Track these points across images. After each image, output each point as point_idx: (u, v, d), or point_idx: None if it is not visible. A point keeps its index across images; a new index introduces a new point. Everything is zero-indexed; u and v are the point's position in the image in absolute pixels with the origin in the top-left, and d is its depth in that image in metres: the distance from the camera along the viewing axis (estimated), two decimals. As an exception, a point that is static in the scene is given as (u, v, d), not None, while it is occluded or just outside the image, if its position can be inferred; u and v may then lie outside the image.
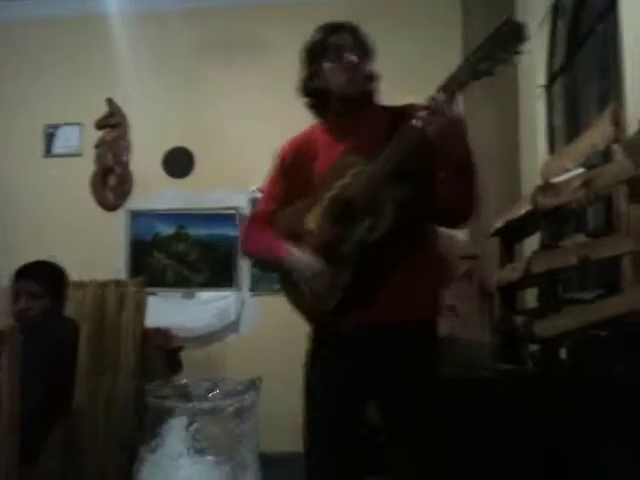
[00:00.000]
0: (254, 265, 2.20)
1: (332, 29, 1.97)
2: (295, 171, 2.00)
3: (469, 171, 1.77)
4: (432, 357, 1.90)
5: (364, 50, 1.97)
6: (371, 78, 1.97)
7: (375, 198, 1.78)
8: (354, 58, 1.92)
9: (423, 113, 1.67)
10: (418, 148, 1.72)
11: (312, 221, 1.89)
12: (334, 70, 1.93)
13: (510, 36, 1.59)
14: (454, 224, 2.03)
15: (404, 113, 1.85)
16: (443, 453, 1.84)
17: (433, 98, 1.66)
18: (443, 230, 2.24)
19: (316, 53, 1.96)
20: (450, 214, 1.87)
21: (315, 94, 2.00)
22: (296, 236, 1.90)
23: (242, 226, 2.11)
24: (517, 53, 1.59)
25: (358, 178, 1.82)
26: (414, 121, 1.70)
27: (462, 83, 1.64)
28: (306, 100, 2.03)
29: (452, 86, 1.65)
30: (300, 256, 1.86)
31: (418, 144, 1.71)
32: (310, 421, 1.92)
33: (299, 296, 1.92)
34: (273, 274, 2.10)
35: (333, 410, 1.87)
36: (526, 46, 1.60)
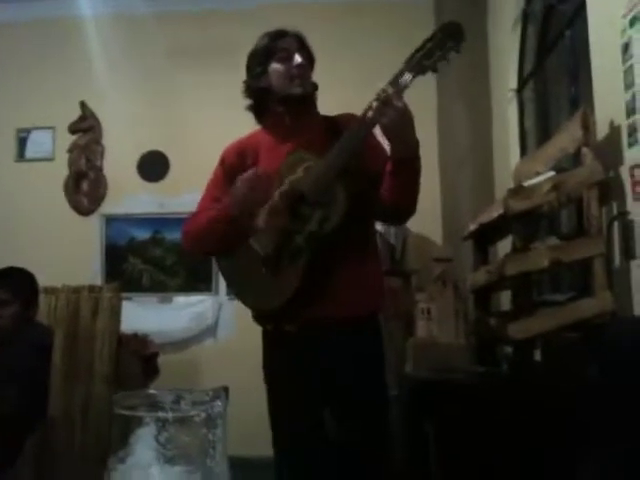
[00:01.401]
0: (204, 250, 2.14)
1: (279, 34, 2.02)
2: (236, 173, 2.00)
3: (415, 163, 1.81)
4: (379, 352, 1.95)
5: (309, 57, 2.03)
6: (313, 85, 2.02)
7: (327, 190, 1.81)
8: (301, 60, 1.98)
9: (375, 105, 1.72)
10: (367, 142, 1.80)
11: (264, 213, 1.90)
12: (281, 70, 1.98)
13: (449, 36, 1.72)
14: (398, 218, 2.06)
15: (339, 122, 1.95)
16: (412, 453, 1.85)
17: (383, 91, 1.71)
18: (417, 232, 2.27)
19: (263, 56, 2.01)
20: (395, 207, 1.89)
21: (257, 94, 2.03)
22: (249, 232, 1.91)
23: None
24: (456, 51, 1.73)
25: (309, 172, 1.85)
26: (368, 112, 1.74)
27: (409, 78, 1.72)
28: (248, 102, 2.07)
29: (400, 81, 1.72)
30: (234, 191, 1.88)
31: (368, 137, 1.79)
32: (273, 422, 1.96)
33: (248, 294, 1.94)
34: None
35: (289, 410, 1.91)
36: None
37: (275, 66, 1.98)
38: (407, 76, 1.72)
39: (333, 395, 1.88)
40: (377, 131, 1.79)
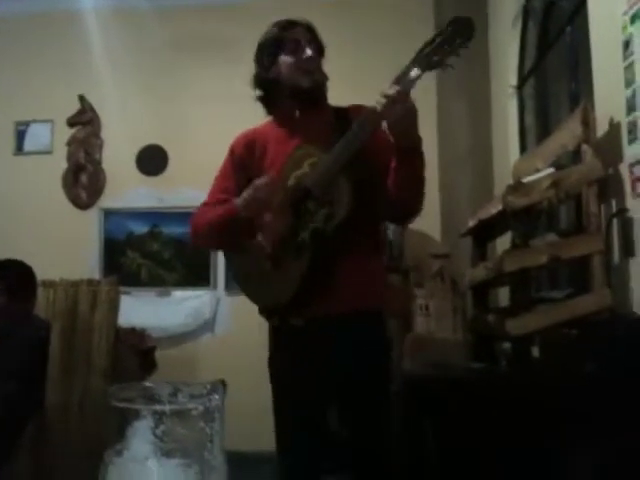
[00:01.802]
0: (209, 244, 2.20)
1: (288, 24, 2.00)
2: (245, 164, 2.01)
3: (417, 155, 1.80)
4: (385, 346, 1.94)
5: (319, 48, 2.00)
6: (323, 76, 2.00)
7: (333, 186, 1.80)
8: (311, 52, 1.95)
9: (383, 101, 1.70)
10: (374, 136, 1.77)
11: (270, 212, 1.89)
12: (291, 63, 1.95)
13: (458, 31, 1.67)
14: (404, 216, 2.03)
15: (349, 113, 1.93)
16: (410, 449, 1.85)
17: (391, 87, 1.69)
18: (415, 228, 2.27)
19: (272, 46, 1.98)
20: (400, 203, 1.87)
21: (267, 86, 2.01)
22: (255, 226, 1.90)
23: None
24: (465, 47, 1.67)
25: (315, 168, 1.84)
26: (375, 107, 1.72)
27: (417, 74, 1.69)
28: (258, 92, 2.04)
29: (407, 77, 1.70)
30: (248, 190, 1.86)
31: (374, 132, 1.76)
32: (276, 415, 1.95)
33: (254, 289, 1.94)
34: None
35: (294, 403, 1.89)
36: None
37: (284, 58, 1.96)
38: (414, 72, 1.69)
39: (338, 389, 1.87)
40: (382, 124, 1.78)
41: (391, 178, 1.82)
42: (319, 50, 2.00)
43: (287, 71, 1.96)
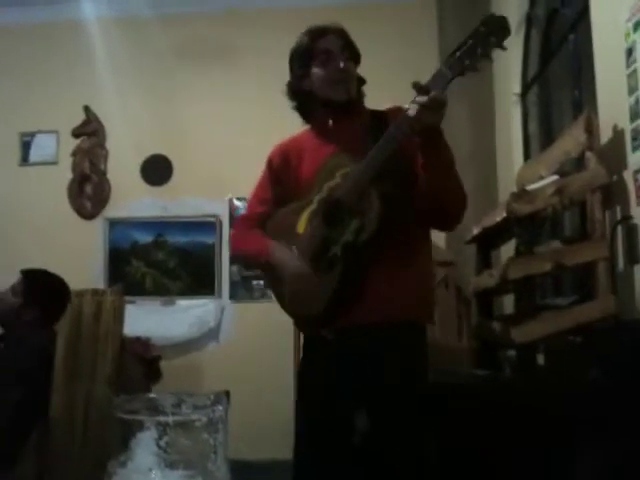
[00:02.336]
0: (244, 266, 2.24)
1: (320, 33, 1.97)
2: (282, 175, 2.00)
3: (443, 146, 1.76)
4: (419, 359, 1.88)
5: (352, 54, 1.96)
6: (359, 82, 1.97)
7: (364, 197, 1.77)
8: (343, 64, 1.91)
9: (415, 108, 1.65)
10: (406, 143, 1.72)
11: (302, 224, 1.88)
12: (323, 77, 1.93)
13: (491, 31, 1.60)
14: (446, 218, 1.91)
15: (387, 116, 1.88)
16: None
17: (419, 95, 1.64)
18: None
19: (304, 57, 1.95)
20: (438, 205, 1.81)
21: (301, 96, 1.99)
22: (287, 239, 1.90)
23: (231, 230, 2.12)
24: (500, 48, 1.60)
25: (347, 178, 1.81)
26: (408, 114, 1.68)
27: (448, 79, 1.64)
28: (293, 103, 2.03)
29: (439, 82, 1.65)
30: (284, 256, 1.87)
31: (407, 139, 1.71)
32: (299, 426, 1.92)
33: (287, 300, 1.92)
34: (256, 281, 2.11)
35: (321, 414, 1.86)
36: (508, 41, 1.62)
37: (316, 70, 1.93)
38: (446, 75, 1.63)
39: (366, 401, 1.84)
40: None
41: (427, 182, 1.76)
42: (353, 56, 1.96)
43: (319, 84, 1.93)
